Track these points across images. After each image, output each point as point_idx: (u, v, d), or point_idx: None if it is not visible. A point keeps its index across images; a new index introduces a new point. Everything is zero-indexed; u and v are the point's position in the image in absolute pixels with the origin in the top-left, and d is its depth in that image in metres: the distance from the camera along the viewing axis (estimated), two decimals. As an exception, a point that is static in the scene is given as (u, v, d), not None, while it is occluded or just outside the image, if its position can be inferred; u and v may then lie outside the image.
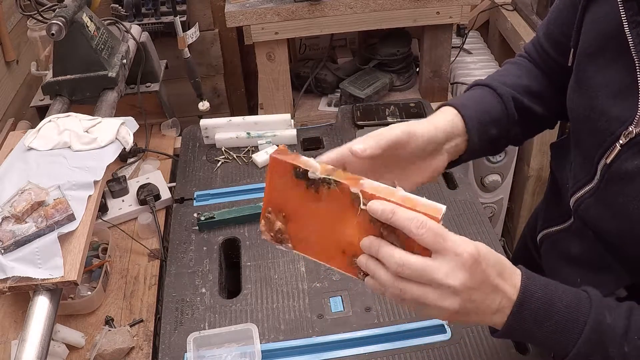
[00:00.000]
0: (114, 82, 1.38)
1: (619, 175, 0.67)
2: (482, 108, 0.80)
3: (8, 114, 1.65)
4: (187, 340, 0.99)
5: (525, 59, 0.91)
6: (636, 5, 0.64)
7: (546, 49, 0.86)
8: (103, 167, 1.08)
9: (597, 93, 0.69)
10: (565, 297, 0.63)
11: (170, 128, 1.69)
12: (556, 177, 0.89)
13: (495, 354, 0.96)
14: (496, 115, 0.81)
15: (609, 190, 0.70)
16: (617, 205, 0.68)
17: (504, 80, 0.85)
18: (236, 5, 1.69)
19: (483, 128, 0.79)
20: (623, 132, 0.65)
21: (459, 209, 1.24)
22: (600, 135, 0.68)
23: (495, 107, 0.81)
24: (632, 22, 0.64)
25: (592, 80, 0.71)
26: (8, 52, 1.68)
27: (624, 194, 0.67)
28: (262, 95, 1.88)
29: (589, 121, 0.71)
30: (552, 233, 0.88)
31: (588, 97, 0.71)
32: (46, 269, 0.92)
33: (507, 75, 0.87)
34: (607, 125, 0.67)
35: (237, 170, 1.42)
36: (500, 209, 2.15)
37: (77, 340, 1.09)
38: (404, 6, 1.69)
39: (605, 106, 0.68)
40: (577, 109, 0.74)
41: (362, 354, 0.98)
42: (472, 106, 0.79)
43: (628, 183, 0.66)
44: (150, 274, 1.25)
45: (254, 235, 1.22)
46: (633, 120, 0.64)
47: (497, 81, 0.84)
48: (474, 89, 0.85)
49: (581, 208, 0.76)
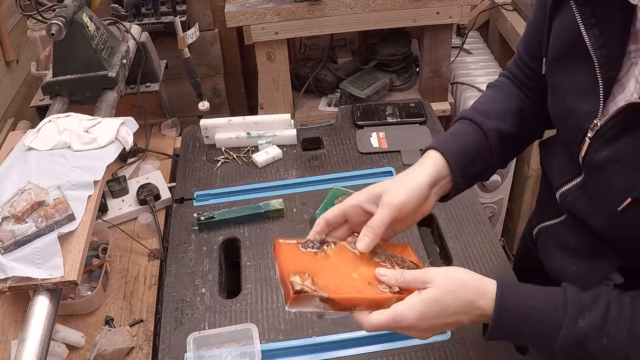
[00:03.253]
0: (114, 82, 1.39)
1: (593, 167, 0.72)
2: (465, 149, 0.84)
3: (8, 114, 1.65)
4: (187, 340, 0.99)
5: (508, 79, 0.95)
6: (590, 7, 0.69)
7: (527, 62, 0.90)
8: (103, 167, 1.08)
9: (567, 94, 0.74)
10: (539, 308, 0.69)
11: (170, 128, 1.69)
12: (546, 172, 0.92)
13: (495, 354, 0.96)
14: (480, 152, 0.85)
15: (589, 183, 0.75)
16: (597, 196, 0.73)
17: (488, 109, 0.89)
18: (236, 5, 1.69)
19: (467, 167, 0.84)
20: (590, 126, 0.70)
21: (459, 209, 1.24)
22: (574, 132, 0.73)
23: (478, 145, 0.86)
24: (587, 24, 0.69)
25: (562, 83, 0.76)
26: (8, 52, 1.68)
27: (599, 186, 0.72)
28: (262, 95, 1.88)
29: (564, 120, 0.77)
30: (547, 227, 0.91)
31: (560, 98, 0.76)
32: (46, 269, 0.92)
33: (491, 102, 0.92)
34: (577, 121, 0.72)
35: (237, 170, 1.42)
36: (500, 209, 2.15)
37: (77, 340, 1.09)
38: (404, 6, 1.69)
39: (574, 105, 0.73)
40: (553, 110, 0.80)
41: (362, 354, 0.98)
42: (455, 149, 0.83)
43: (601, 173, 0.70)
44: (150, 274, 1.25)
45: (254, 235, 1.22)
46: (597, 114, 0.69)
47: (481, 114, 0.88)
48: (459, 122, 0.89)
49: (566, 202, 0.81)
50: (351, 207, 0.78)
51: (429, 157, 0.83)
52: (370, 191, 0.78)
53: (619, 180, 0.68)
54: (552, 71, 0.79)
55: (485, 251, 1.13)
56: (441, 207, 1.25)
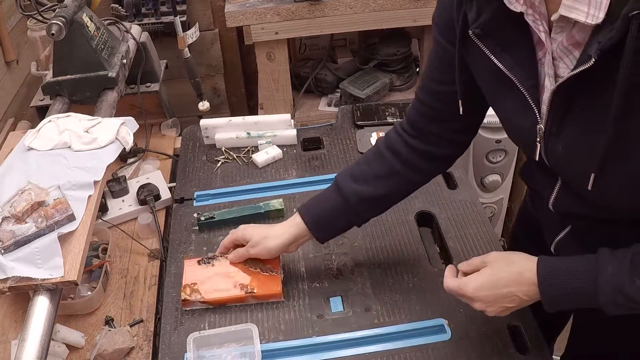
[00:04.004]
0: (114, 82, 1.38)
1: (560, 162, 0.78)
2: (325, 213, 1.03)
3: (8, 114, 1.65)
4: (187, 340, 0.99)
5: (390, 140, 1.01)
6: (491, 38, 0.75)
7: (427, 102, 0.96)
8: (103, 167, 1.08)
9: (511, 116, 0.82)
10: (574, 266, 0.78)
11: (170, 128, 1.69)
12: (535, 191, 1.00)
13: (496, 354, 0.96)
14: (339, 214, 1.03)
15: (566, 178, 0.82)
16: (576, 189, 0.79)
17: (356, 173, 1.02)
18: (236, 5, 1.69)
19: (326, 227, 1.05)
20: (538, 132, 0.77)
21: (459, 209, 1.24)
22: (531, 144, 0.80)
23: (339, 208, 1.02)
24: (495, 52, 0.76)
25: (501, 109, 0.85)
26: (8, 52, 1.68)
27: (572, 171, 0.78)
28: (262, 95, 1.88)
29: (520, 138, 0.85)
30: (562, 239, 0.94)
31: (509, 122, 0.84)
32: (46, 269, 0.92)
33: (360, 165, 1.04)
34: (529, 135, 0.79)
35: (237, 170, 1.42)
36: (500, 209, 2.15)
37: (77, 340, 1.09)
38: (404, 6, 1.69)
39: (520, 123, 0.80)
40: (510, 134, 0.87)
41: (362, 354, 0.98)
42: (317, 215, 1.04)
43: (565, 165, 0.78)
44: (150, 274, 1.25)
45: (254, 235, 1.22)
46: (538, 120, 0.76)
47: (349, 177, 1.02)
48: (330, 186, 1.05)
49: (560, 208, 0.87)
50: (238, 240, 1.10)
51: (294, 221, 1.05)
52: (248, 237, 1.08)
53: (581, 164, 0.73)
54: (492, 102, 0.87)
55: (485, 251, 1.13)
56: (441, 207, 1.25)
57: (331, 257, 1.16)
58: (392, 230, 1.21)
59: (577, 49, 0.68)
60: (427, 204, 1.26)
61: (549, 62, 0.72)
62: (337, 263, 1.14)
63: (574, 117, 0.72)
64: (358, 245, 1.18)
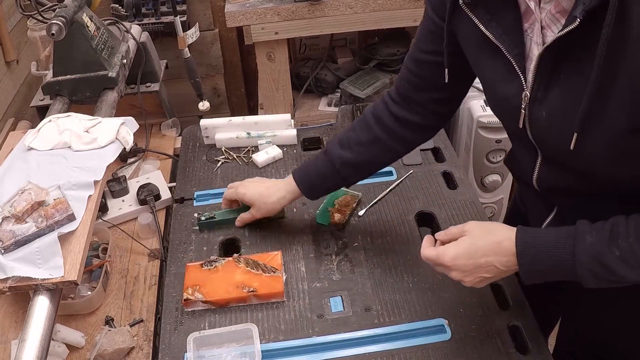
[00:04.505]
0: (114, 82, 1.39)
1: (542, 132, 0.80)
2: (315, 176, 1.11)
3: (8, 114, 1.65)
4: (187, 340, 0.99)
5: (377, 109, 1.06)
6: (481, 7, 0.79)
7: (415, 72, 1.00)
8: (103, 167, 1.08)
9: (495, 84, 0.85)
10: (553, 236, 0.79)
11: (170, 128, 1.69)
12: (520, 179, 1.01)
13: (496, 354, 0.96)
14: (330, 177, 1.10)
15: (546, 149, 0.83)
16: (558, 157, 0.81)
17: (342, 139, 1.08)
18: (236, 5, 1.69)
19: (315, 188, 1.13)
20: (522, 99, 0.79)
21: (459, 209, 1.24)
22: (514, 113, 0.82)
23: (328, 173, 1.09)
24: (484, 21, 0.79)
25: (487, 78, 0.87)
26: (8, 52, 1.68)
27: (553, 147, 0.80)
28: (262, 95, 1.89)
29: (502, 107, 0.87)
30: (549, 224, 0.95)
31: (493, 91, 0.87)
32: (46, 269, 0.92)
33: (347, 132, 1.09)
34: (512, 102, 0.81)
35: (237, 170, 1.42)
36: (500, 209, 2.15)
37: (77, 340, 1.09)
38: (404, 6, 1.69)
39: (504, 91, 0.82)
40: (492, 103, 0.90)
41: (362, 354, 0.98)
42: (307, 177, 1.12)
43: (548, 133, 0.79)
44: (150, 274, 1.25)
45: (254, 235, 1.22)
46: (523, 87, 0.79)
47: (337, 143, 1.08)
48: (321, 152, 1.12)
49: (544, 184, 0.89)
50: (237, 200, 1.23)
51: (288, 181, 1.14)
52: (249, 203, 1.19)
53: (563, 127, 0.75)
54: (478, 72, 0.89)
55: (485, 251, 1.13)
56: (441, 207, 1.25)
57: (331, 257, 1.16)
58: (392, 230, 1.21)
59: (563, 16, 0.72)
60: (427, 204, 1.26)
61: (537, 30, 0.75)
62: (337, 263, 1.14)
63: (559, 82, 0.75)
64: (358, 245, 1.18)
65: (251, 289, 1.06)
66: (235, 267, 1.11)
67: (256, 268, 1.10)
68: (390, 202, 1.27)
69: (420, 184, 1.31)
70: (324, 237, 1.20)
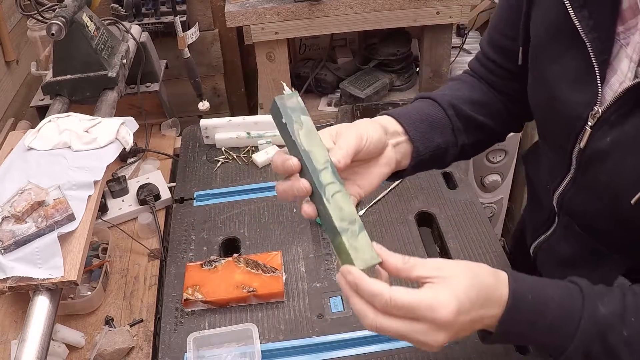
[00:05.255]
0: (114, 82, 1.38)
1: (596, 156, 0.68)
2: (421, 117, 0.80)
3: (8, 114, 1.65)
4: (187, 340, 0.99)
5: (469, 75, 0.92)
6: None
7: (491, 57, 0.87)
8: (103, 167, 1.08)
9: (556, 83, 0.70)
10: (556, 295, 0.62)
11: (170, 128, 1.69)
12: (534, 182, 0.91)
13: (495, 354, 0.96)
14: (438, 122, 0.81)
15: (588, 174, 0.71)
16: (601, 185, 0.69)
17: (443, 92, 0.86)
18: (236, 5, 1.69)
19: (427, 135, 0.79)
20: (590, 114, 0.67)
21: (459, 209, 1.24)
22: (568, 123, 0.69)
23: (435, 114, 0.81)
24: (575, 6, 0.65)
25: (549, 72, 0.72)
26: (8, 52, 1.68)
27: (604, 172, 0.68)
28: (262, 95, 1.89)
29: (553, 112, 0.73)
30: (542, 242, 0.89)
31: (548, 89, 0.72)
32: (46, 269, 0.92)
33: (446, 89, 0.88)
34: (572, 111, 0.68)
35: (237, 170, 1.42)
36: (500, 209, 2.15)
37: (77, 340, 1.09)
38: (404, 6, 1.69)
39: (567, 94, 0.69)
40: (540, 103, 0.76)
41: (362, 354, 0.98)
42: (411, 114, 0.79)
43: (606, 160, 0.67)
44: (150, 274, 1.25)
45: (254, 235, 1.22)
46: (596, 101, 0.66)
47: (436, 93, 0.85)
48: (414, 102, 0.86)
49: (565, 202, 0.78)
50: None
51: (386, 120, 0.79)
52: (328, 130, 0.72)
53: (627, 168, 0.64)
54: (535, 61, 0.75)
55: (485, 251, 1.13)
56: (441, 207, 1.25)
57: (331, 257, 1.16)
58: (392, 230, 1.21)
59: None
60: (427, 204, 1.26)
61: (636, 45, 0.62)
62: (337, 263, 1.14)
63: None
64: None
65: (251, 289, 1.06)
66: (235, 267, 1.11)
67: (256, 268, 1.10)
68: (390, 202, 1.27)
69: (420, 184, 1.31)
70: (324, 237, 1.20)
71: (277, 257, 1.12)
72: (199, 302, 1.06)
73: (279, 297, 1.07)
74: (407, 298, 0.59)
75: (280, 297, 1.07)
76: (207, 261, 1.13)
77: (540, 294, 0.62)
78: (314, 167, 0.63)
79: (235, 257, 1.12)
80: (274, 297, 1.07)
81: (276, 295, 1.07)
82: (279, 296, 1.07)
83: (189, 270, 1.11)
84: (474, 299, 0.60)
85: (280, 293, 1.07)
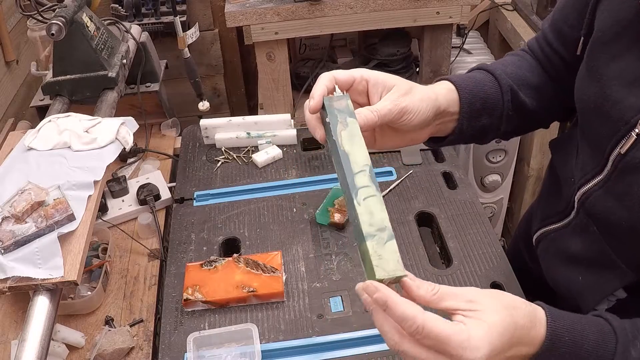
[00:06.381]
0: (114, 82, 1.39)
1: (635, 165, 0.65)
2: (479, 94, 0.79)
3: (8, 114, 1.65)
4: (187, 340, 0.99)
5: (527, 54, 0.89)
6: None
7: (550, 40, 0.85)
8: (103, 167, 1.08)
9: (611, 82, 0.67)
10: (591, 337, 0.61)
11: (170, 128, 1.69)
12: (557, 173, 0.87)
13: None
14: (492, 105, 0.80)
15: (621, 180, 0.68)
16: (633, 195, 0.66)
17: (506, 69, 0.84)
18: (236, 5, 1.69)
19: (475, 114, 0.78)
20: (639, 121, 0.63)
21: (459, 209, 1.24)
22: (613, 124, 0.66)
23: (493, 96, 0.80)
24: None
25: (605, 69, 0.68)
26: (8, 52, 1.68)
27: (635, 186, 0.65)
28: (262, 95, 1.89)
29: (600, 111, 0.69)
30: (550, 231, 0.87)
31: (600, 86, 0.69)
32: (46, 269, 0.92)
33: (509, 65, 0.85)
34: (621, 114, 0.65)
35: (237, 170, 1.42)
36: (500, 209, 2.15)
37: (77, 340, 1.09)
38: (404, 6, 1.69)
39: (620, 95, 0.66)
40: (588, 98, 0.72)
41: (362, 354, 0.98)
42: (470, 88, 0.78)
43: None
44: (150, 274, 1.25)
45: (254, 235, 1.22)
46: None
47: (500, 69, 0.83)
48: (478, 71, 0.84)
49: (589, 201, 0.75)
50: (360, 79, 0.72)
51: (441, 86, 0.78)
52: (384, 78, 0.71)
53: None
54: (593, 54, 0.71)
55: (485, 251, 1.13)
56: (441, 207, 1.25)
57: (331, 257, 1.16)
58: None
59: None
60: (427, 204, 1.26)
61: None
62: (337, 263, 1.14)
63: None
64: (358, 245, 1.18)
65: (251, 289, 1.06)
66: (235, 267, 1.11)
67: (256, 268, 1.10)
68: (390, 202, 1.27)
69: (420, 184, 1.31)
70: (324, 237, 1.20)
71: (277, 257, 1.12)
72: (199, 302, 1.06)
73: (279, 297, 1.07)
74: (440, 330, 0.55)
75: (280, 297, 1.07)
76: (207, 261, 1.12)
77: (576, 336, 0.61)
78: (350, 169, 0.64)
79: (235, 257, 1.12)
80: (274, 297, 1.07)
81: (276, 295, 1.07)
82: (279, 296, 1.07)
83: (189, 270, 1.11)
84: (506, 341, 0.57)
85: (280, 293, 1.07)
